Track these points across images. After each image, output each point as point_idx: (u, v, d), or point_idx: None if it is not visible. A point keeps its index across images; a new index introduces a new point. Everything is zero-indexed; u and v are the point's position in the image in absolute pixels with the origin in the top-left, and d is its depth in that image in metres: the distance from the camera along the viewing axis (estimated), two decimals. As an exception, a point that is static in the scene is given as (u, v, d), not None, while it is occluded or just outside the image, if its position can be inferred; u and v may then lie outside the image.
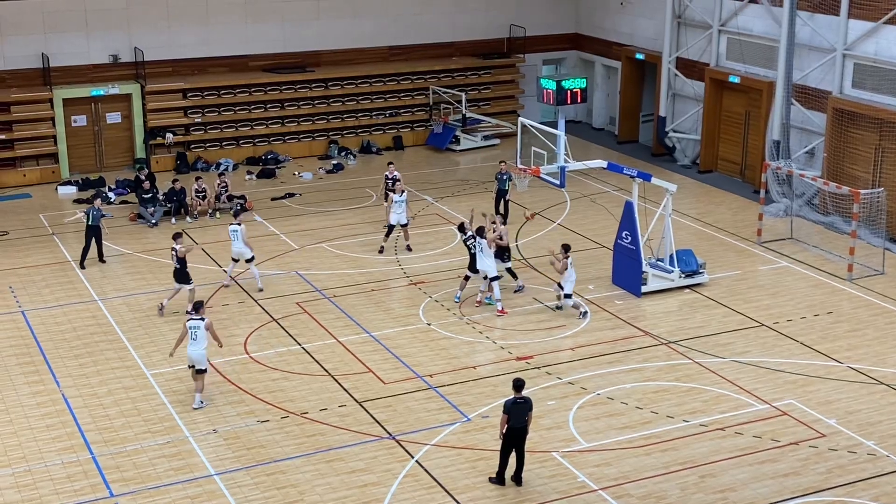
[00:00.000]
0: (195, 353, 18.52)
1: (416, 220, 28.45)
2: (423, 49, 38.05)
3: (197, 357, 18.54)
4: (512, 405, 16.11)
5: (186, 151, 34.62)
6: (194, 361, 18.60)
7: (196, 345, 18.46)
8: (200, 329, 18.38)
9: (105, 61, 33.83)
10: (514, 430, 16.17)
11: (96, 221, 25.65)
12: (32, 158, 33.06)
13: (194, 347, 18.48)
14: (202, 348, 18.51)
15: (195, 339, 18.38)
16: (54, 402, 19.01)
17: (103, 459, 17.12)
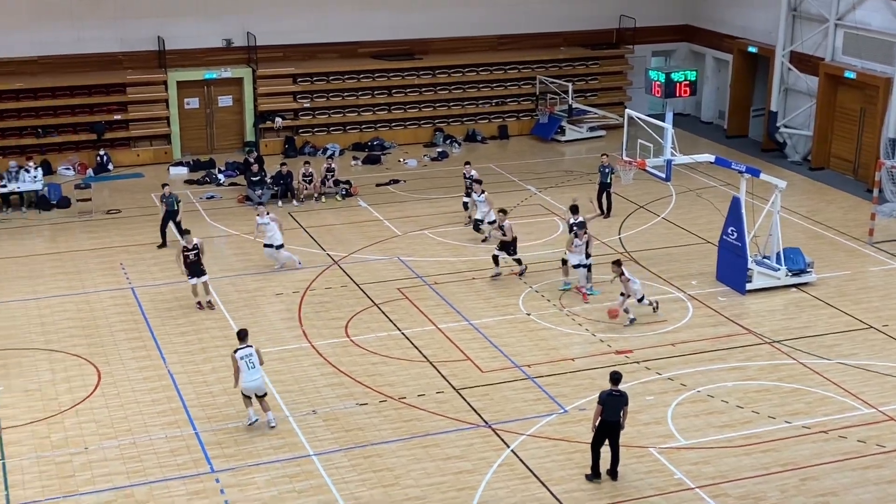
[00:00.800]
0: (256, 382, 17.52)
1: (519, 210, 28.40)
2: (531, 38, 37.90)
3: (259, 385, 17.58)
4: (607, 397, 16.00)
5: (295, 136, 35.16)
6: (257, 390, 17.61)
7: (255, 372, 17.43)
8: (254, 356, 17.48)
9: (218, 45, 34.54)
10: (607, 423, 16.06)
11: (172, 206, 26.19)
12: (146, 139, 33.99)
13: (254, 376, 17.45)
14: (261, 374, 17.58)
15: (252, 366, 17.39)
16: (160, 377, 19.54)
17: (206, 435, 17.54)
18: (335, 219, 28.28)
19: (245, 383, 17.42)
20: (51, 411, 18.26)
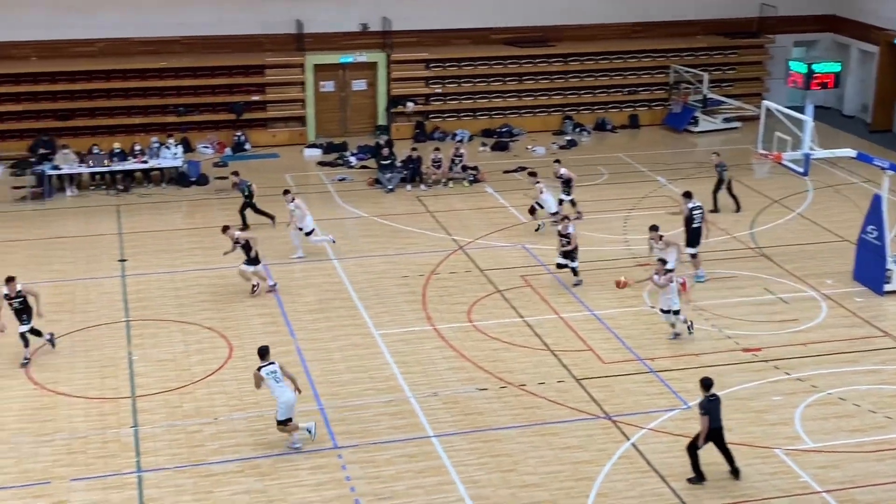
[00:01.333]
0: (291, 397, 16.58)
1: (645, 202, 28.01)
2: (666, 26, 37.26)
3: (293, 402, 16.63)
4: (709, 404, 15.62)
5: (425, 121, 35.41)
6: (290, 409, 16.60)
7: (286, 388, 16.58)
8: (278, 371, 16.56)
9: (355, 30, 35.00)
10: (715, 430, 15.66)
11: (244, 192, 26.57)
12: (282, 120, 34.72)
13: (286, 390, 16.57)
14: (292, 390, 16.68)
15: (280, 381, 16.52)
16: (288, 353, 19.97)
17: (330, 412, 17.88)
18: (462, 204, 28.40)
19: (282, 398, 16.48)
20: (183, 381, 18.88)
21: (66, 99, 32.81)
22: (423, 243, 25.46)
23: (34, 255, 24.70)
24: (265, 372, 16.51)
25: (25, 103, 32.51)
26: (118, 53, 33.58)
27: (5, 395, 18.24)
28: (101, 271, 23.82)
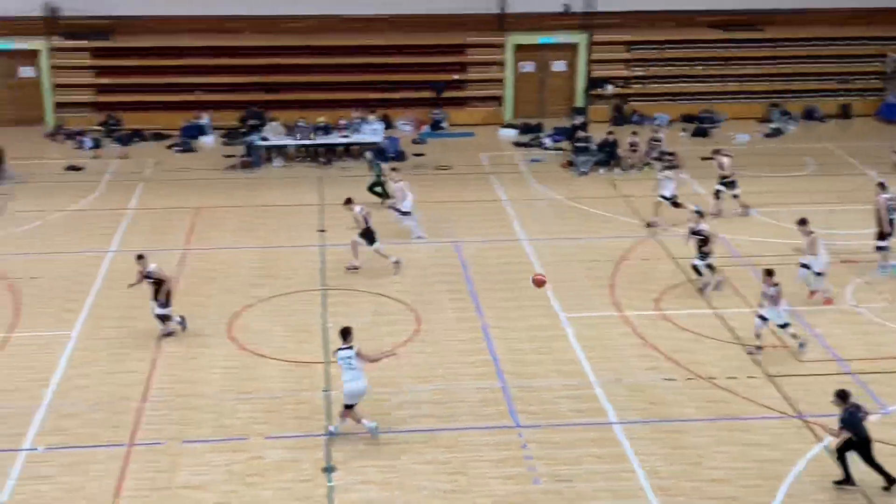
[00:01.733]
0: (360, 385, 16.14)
1: (853, 196, 26.82)
2: (886, 13, 35.41)
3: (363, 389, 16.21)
4: (852, 416, 14.86)
5: (623, 104, 34.97)
6: (362, 393, 16.27)
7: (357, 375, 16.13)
8: (355, 359, 16.12)
9: (557, 10, 34.85)
10: (865, 440, 14.91)
11: (378, 172, 26.97)
12: (480, 100, 35.01)
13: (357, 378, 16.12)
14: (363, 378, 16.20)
15: (352, 368, 16.06)
16: (474, 329, 20.21)
17: (513, 391, 18.01)
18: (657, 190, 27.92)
19: (348, 385, 16.16)
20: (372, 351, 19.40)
21: (276, 73, 34.12)
22: (615, 228, 25.21)
23: (242, 221, 25.87)
24: (339, 356, 16.17)
25: (239, 76, 34.01)
26: (327, 30, 34.63)
27: (212, 354, 19.22)
28: (302, 240, 24.71)
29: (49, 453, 16.09)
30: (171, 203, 27.08)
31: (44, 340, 19.59)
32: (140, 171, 29.80)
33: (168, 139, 32.72)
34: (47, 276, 22.40)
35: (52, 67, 33.40)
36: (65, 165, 30.04)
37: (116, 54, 33.77)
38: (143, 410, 17.29)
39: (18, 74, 33.76)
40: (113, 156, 31.12)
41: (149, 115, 33.70)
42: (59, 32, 33.50)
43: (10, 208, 26.52)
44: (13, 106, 33.98)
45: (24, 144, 31.64)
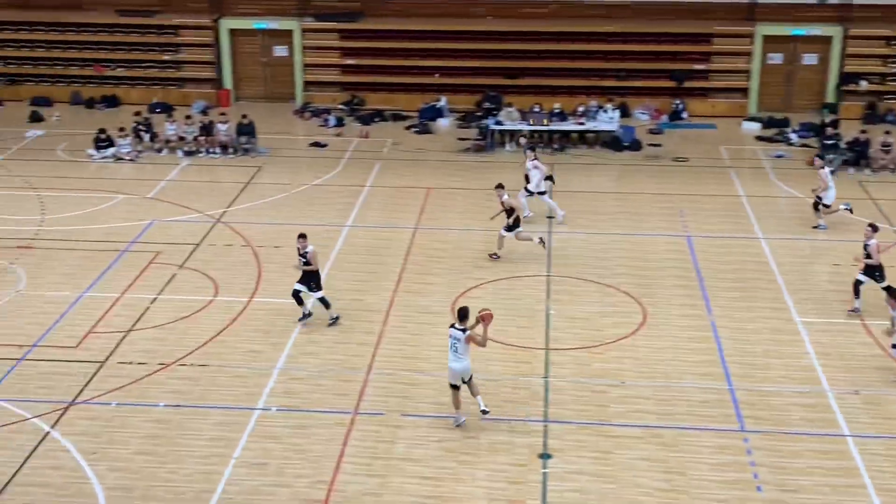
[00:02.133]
0: (461, 365, 16.10)
1: None
2: None
3: (464, 368, 16.13)
4: None
5: (878, 102, 32.99)
6: (463, 373, 16.15)
7: (460, 358, 16.06)
8: (461, 342, 15.95)
9: (811, 2, 33.26)
10: None
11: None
12: (723, 91, 33.92)
13: (458, 360, 16.08)
14: (466, 361, 16.09)
15: (456, 351, 16.00)
16: (702, 327, 19.61)
17: (740, 393, 17.34)
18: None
19: (451, 364, 16.13)
20: (594, 341, 19.17)
21: (514, 58, 34.26)
22: (861, 232, 23.81)
23: (472, 203, 26.15)
24: (451, 335, 16.04)
25: (478, 60, 34.37)
26: (569, 15, 34.45)
27: (435, 332, 19.48)
28: (528, 225, 24.69)
29: (280, 414, 16.81)
30: (406, 182, 27.71)
31: (280, 306, 20.48)
32: (379, 150, 30.66)
33: (406, 120, 33.50)
34: (288, 246, 23.39)
35: (303, 47, 34.83)
36: (309, 142, 31.30)
37: (363, 36, 34.84)
38: (368, 381, 17.78)
39: (273, 53, 35.42)
40: (354, 134, 32.17)
41: (390, 95, 34.64)
42: (311, 14, 34.89)
43: (257, 180, 27.89)
44: (266, 83, 35.72)
45: (274, 120, 33.21)
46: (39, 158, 29.26)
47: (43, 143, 30.78)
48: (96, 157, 29.17)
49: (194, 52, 35.02)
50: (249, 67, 35.59)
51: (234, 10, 35.12)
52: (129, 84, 35.29)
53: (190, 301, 20.66)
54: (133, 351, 18.68)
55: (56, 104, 34.63)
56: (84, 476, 15.21)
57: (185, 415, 16.78)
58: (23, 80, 35.29)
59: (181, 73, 35.20)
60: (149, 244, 23.36)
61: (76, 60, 35.19)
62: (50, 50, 35.11)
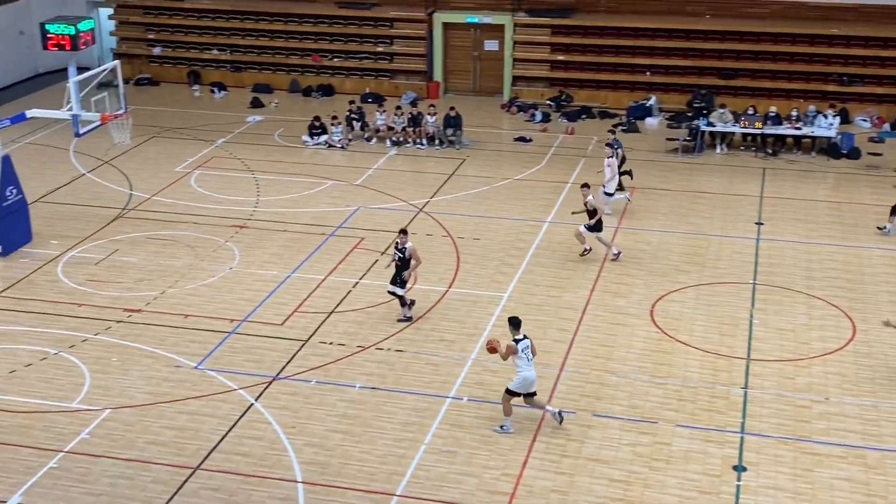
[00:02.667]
0: (530, 375, 15.93)
1: None
2: None
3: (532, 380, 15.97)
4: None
5: None
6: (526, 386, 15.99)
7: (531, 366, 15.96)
8: (529, 347, 15.95)
9: None
10: None
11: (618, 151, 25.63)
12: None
13: (530, 369, 15.94)
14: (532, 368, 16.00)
15: (530, 359, 15.94)
16: (918, 347, 18.58)
17: (955, 420, 16.33)
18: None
19: (522, 373, 15.88)
20: (799, 354, 18.42)
21: (731, 58, 33.34)
22: None
23: (676, 206, 25.62)
24: (521, 347, 15.83)
25: (692, 59, 33.62)
26: (790, 17, 33.24)
27: (632, 333, 19.27)
28: (736, 231, 24.00)
29: (471, 404, 16.97)
30: (610, 181, 27.43)
31: (477, 298, 20.66)
32: (584, 147, 30.45)
33: (614, 118, 33.14)
34: (487, 239, 23.59)
35: (513, 42, 34.99)
36: (514, 136, 31.43)
37: (574, 32, 34.68)
38: (560, 378, 17.71)
39: (483, 47, 35.75)
40: (560, 130, 32.07)
41: (598, 93, 34.36)
42: (524, 9, 35.00)
43: (461, 172, 28.23)
44: (475, 76, 36.11)
45: (480, 113, 33.53)
46: (257, 143, 30.59)
47: (261, 128, 32.16)
48: (310, 143, 30.25)
49: (407, 45, 35.77)
50: (459, 61, 36.07)
51: (449, 4, 35.65)
52: (344, 74, 36.40)
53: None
54: (334, 332, 19.26)
55: (275, 91, 36.10)
56: (283, 449, 15.81)
57: (379, 397, 17.17)
58: (246, 67, 36.97)
59: (393, 64, 36.04)
60: (354, 229, 24.03)
61: (296, 50, 36.57)
62: (273, 39, 36.63)
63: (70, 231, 23.80)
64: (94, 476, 15.09)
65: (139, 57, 37.46)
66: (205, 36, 37.06)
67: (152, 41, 37.41)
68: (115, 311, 20.06)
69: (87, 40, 22.94)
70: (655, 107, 33.13)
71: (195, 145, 30.10)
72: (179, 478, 15.08)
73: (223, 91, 36.00)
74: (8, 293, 20.78)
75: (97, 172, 27.70)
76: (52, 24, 22.71)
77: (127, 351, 18.62)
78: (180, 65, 37.33)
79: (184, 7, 36.95)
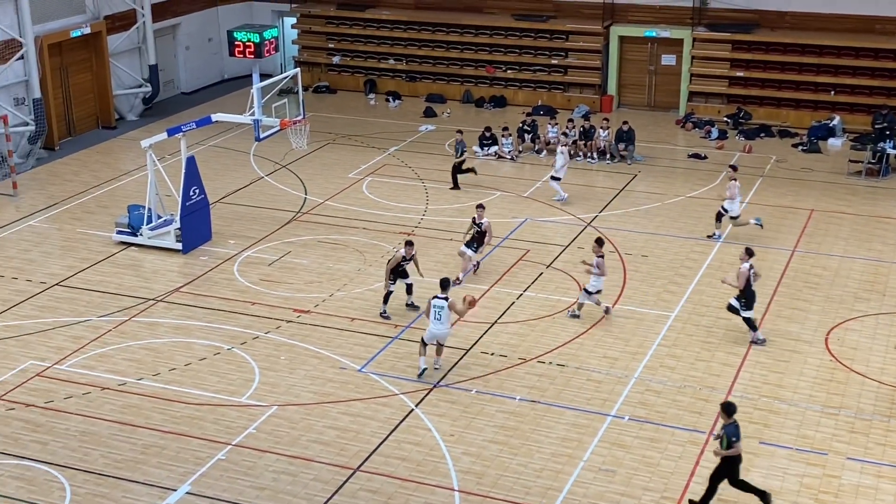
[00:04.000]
0: (442, 331, 17.93)
1: None
2: None
3: (443, 335, 18.00)
4: (737, 429, 14.17)
5: None
6: (440, 338, 18.01)
7: (440, 325, 17.82)
8: (444, 309, 17.70)
9: None
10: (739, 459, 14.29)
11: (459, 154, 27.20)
12: None
13: (439, 327, 17.86)
14: (447, 328, 17.90)
15: (439, 319, 17.77)
16: None
17: None
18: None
19: (432, 329, 17.87)
20: None
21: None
22: None
23: (857, 231, 24.57)
24: (433, 304, 17.76)
25: (880, 79, 32.22)
26: None
27: (804, 361, 18.56)
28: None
29: (633, 424, 16.66)
30: (786, 202, 26.51)
31: (642, 316, 20.30)
32: (761, 166, 29.55)
33: (794, 137, 32.05)
34: (655, 256, 23.16)
35: (691, 57, 34.31)
36: (689, 153, 30.77)
37: (755, 48, 33.72)
38: (726, 403, 17.19)
39: (660, 61, 35.20)
40: (737, 148, 31.22)
41: (778, 111, 33.31)
42: (704, 23, 34.28)
43: (632, 187, 27.83)
44: (650, 91, 35.58)
45: (655, 128, 33.00)
46: (428, 151, 30.98)
47: (433, 137, 32.54)
48: (479, 153, 30.41)
49: (582, 58, 35.55)
50: (635, 75, 35.62)
51: (627, 18, 35.27)
52: (517, 86, 36.47)
53: (553, 300, 21.00)
54: (496, 343, 19.27)
55: (448, 102, 36.48)
56: (440, 456, 15.90)
57: (538, 411, 17.07)
58: (421, 77, 37.50)
59: (567, 77, 35.87)
60: (520, 241, 24.00)
61: (470, 61, 36.88)
62: (448, 50, 37.04)
63: (247, 232, 24.64)
64: (259, 470, 15.53)
65: (319, 65, 38.51)
66: (382, 46, 37.79)
67: (332, 50, 38.40)
68: (285, 310, 20.63)
69: (271, 48, 23.71)
70: (839, 127, 31.86)
71: (368, 153, 30.71)
72: (340, 478, 15.36)
73: (397, 100, 36.62)
74: (186, 289, 21.66)
75: (275, 176, 28.60)
76: (238, 32, 23.57)
77: (295, 350, 19.12)
78: (357, 73, 38.19)
79: (364, 17, 37.80)
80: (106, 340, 19.47)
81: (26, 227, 25.08)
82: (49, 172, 29.13)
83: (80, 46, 32.25)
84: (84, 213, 25.95)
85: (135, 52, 34.47)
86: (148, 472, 15.51)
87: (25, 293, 21.48)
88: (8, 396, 17.53)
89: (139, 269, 22.73)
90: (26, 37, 29.55)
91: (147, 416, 16.99)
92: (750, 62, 33.85)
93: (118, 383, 17.96)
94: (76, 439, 16.32)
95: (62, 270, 22.58)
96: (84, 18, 32.13)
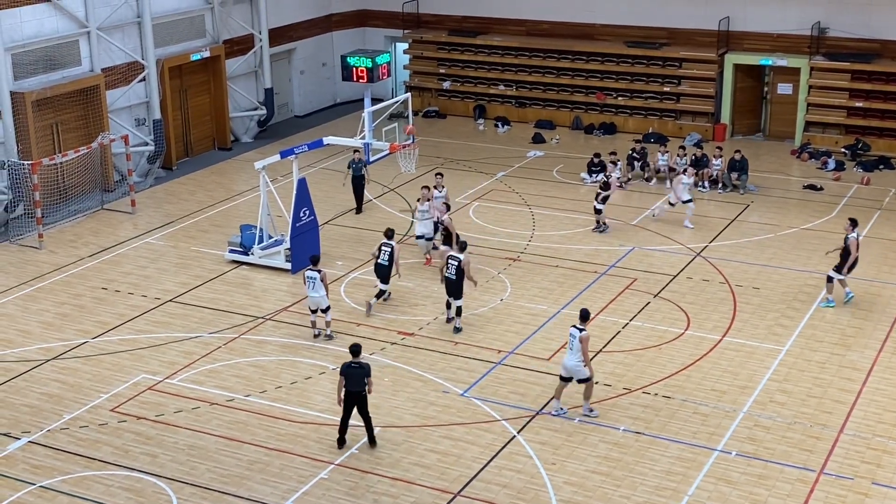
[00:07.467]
0: (314, 299, 20.26)
1: None
2: None
3: (315, 301, 20.31)
4: (347, 368, 16.26)
5: None
6: (313, 304, 20.33)
7: (314, 293, 20.18)
8: (316, 280, 20.07)
9: None
10: (351, 393, 16.32)
11: (358, 172, 27.25)
12: None
13: (312, 294, 20.22)
14: (320, 294, 20.15)
15: (313, 288, 20.13)
16: None
17: None
18: None
19: (309, 297, 20.29)
20: None
21: None
22: None
23: (981, 267, 23.64)
24: (307, 275, 20.17)
25: None
26: None
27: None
28: None
29: (740, 459, 16.25)
30: (906, 236, 25.69)
31: (752, 349, 19.83)
32: (880, 199, 28.66)
33: (915, 170, 31.07)
34: (767, 289, 22.62)
35: (808, 86, 33.55)
36: (804, 184, 30.04)
37: (876, 78, 32.79)
38: (839, 441, 16.64)
39: (776, 90, 34.51)
40: (854, 180, 30.36)
41: (899, 142, 32.38)
42: (823, 52, 33.51)
43: (744, 217, 27.28)
44: (765, 120, 34.91)
45: (769, 158, 32.33)
46: (536, 177, 30.89)
47: (541, 163, 32.44)
48: (588, 181, 30.20)
49: (695, 85, 35.09)
50: (749, 103, 34.97)
51: (742, 46, 34.69)
52: (627, 113, 36.16)
53: (660, 331, 20.67)
54: (600, 372, 19.03)
55: (557, 128, 36.38)
56: (541, 484, 15.74)
57: (643, 443, 16.78)
58: (530, 103, 37.49)
59: (679, 105, 35.43)
60: (627, 270, 23.72)
61: (581, 87, 36.72)
62: (559, 76, 36.95)
63: (354, 253, 24.90)
64: (360, 491, 15.61)
65: (429, 90, 38.83)
66: (493, 71, 37.93)
67: (443, 75, 38.70)
68: (389, 332, 20.76)
69: (383, 73, 24.01)
70: (963, 160, 30.77)
71: (476, 177, 30.78)
72: (441, 502, 15.33)
73: (506, 125, 36.66)
74: (294, 308, 21.97)
75: (383, 199, 28.87)
76: (352, 57, 23.96)
77: (398, 372, 19.20)
78: (467, 99, 38.38)
79: (475, 43, 38.01)
80: (216, 357, 19.87)
81: (143, 244, 25.82)
82: (166, 191, 29.96)
83: (199, 69, 33.17)
84: (198, 232, 26.59)
85: (251, 75, 35.30)
86: (252, 487, 15.72)
87: (140, 308, 22.08)
88: (121, 409, 18.01)
89: (249, 288, 23.16)
90: (148, 59, 30.55)
91: (253, 432, 17.24)
92: (870, 92, 32.93)
93: (226, 399, 18.29)
94: (184, 453, 16.65)
95: (176, 287, 23.14)
96: (204, 42, 33.05)
